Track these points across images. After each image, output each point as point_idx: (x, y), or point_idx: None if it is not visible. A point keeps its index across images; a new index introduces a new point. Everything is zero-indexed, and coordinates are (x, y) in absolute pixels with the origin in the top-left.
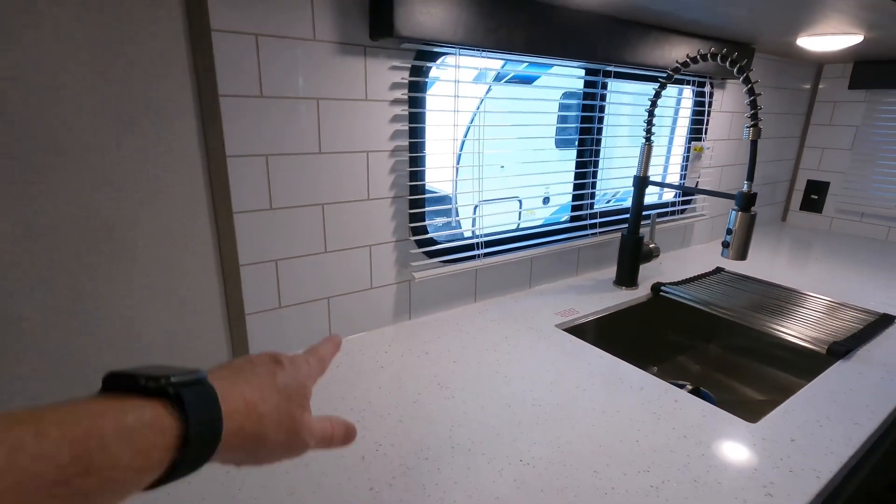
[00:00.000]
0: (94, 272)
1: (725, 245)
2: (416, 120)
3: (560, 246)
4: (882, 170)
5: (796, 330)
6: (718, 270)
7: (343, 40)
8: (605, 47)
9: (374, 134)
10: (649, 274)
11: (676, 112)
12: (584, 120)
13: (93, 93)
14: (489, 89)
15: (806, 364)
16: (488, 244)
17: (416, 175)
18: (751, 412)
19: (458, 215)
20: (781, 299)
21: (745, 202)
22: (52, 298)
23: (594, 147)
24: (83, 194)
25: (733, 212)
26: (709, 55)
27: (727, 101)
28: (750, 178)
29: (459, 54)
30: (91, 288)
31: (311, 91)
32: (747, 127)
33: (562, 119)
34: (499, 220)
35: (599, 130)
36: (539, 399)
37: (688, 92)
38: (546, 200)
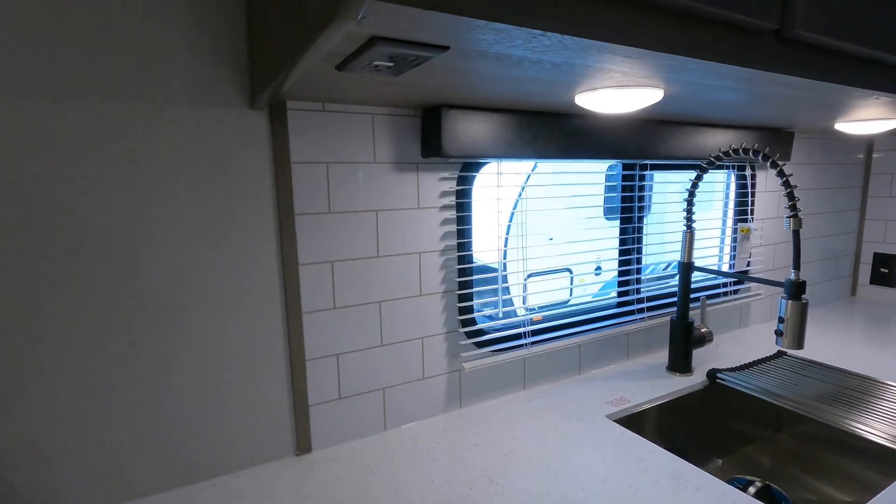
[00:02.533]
0: (182, 368)
1: (779, 334)
2: (462, 222)
3: (608, 331)
4: None
5: (872, 425)
6: (780, 354)
7: (399, 160)
8: (637, 146)
9: (426, 237)
10: (705, 358)
11: (727, 194)
12: (624, 210)
13: (195, 219)
14: (535, 165)
15: (885, 465)
16: (535, 332)
17: (464, 271)
18: None
19: (507, 292)
20: (853, 388)
21: (795, 291)
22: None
23: (636, 235)
24: (181, 302)
25: (782, 300)
26: (741, 150)
27: (772, 180)
28: (796, 266)
29: (501, 162)
30: (181, 384)
31: (371, 205)
32: (787, 217)
33: (609, 189)
34: (549, 291)
35: (640, 219)
36: (590, 498)
37: (732, 176)
38: (598, 270)
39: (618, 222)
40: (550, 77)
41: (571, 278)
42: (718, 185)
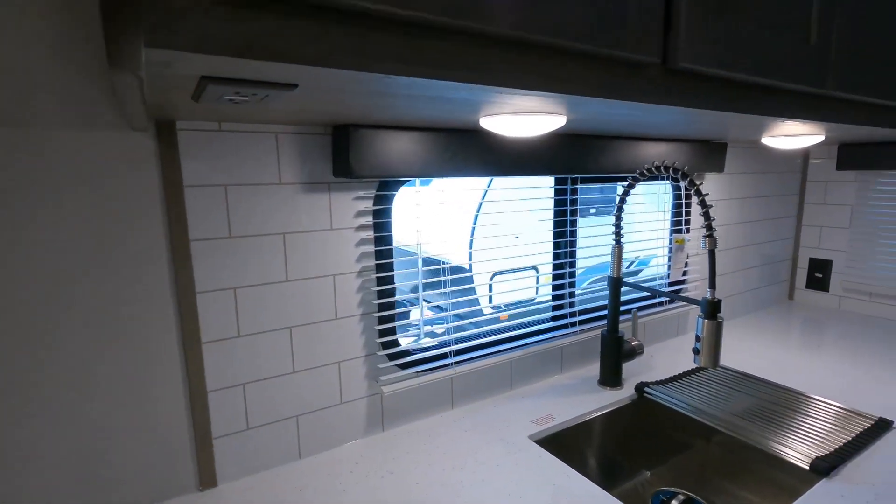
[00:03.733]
0: (60, 401)
1: (696, 352)
2: (381, 242)
3: (541, 346)
4: (883, 248)
5: (782, 440)
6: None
7: (308, 181)
8: (564, 162)
9: (340, 258)
10: (637, 370)
11: (673, 204)
12: (557, 224)
13: (74, 247)
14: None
15: (789, 482)
16: (461, 351)
17: (385, 292)
18: None
19: (472, 293)
20: (772, 400)
21: (711, 310)
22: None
23: (569, 249)
24: (57, 332)
25: (700, 319)
26: (662, 167)
27: (708, 191)
28: (712, 285)
29: (420, 181)
30: (62, 418)
31: (277, 228)
32: (704, 237)
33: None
34: (510, 288)
35: (573, 233)
36: None
37: (668, 187)
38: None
39: (587, 220)
40: (448, 105)
41: (537, 277)
42: (663, 194)
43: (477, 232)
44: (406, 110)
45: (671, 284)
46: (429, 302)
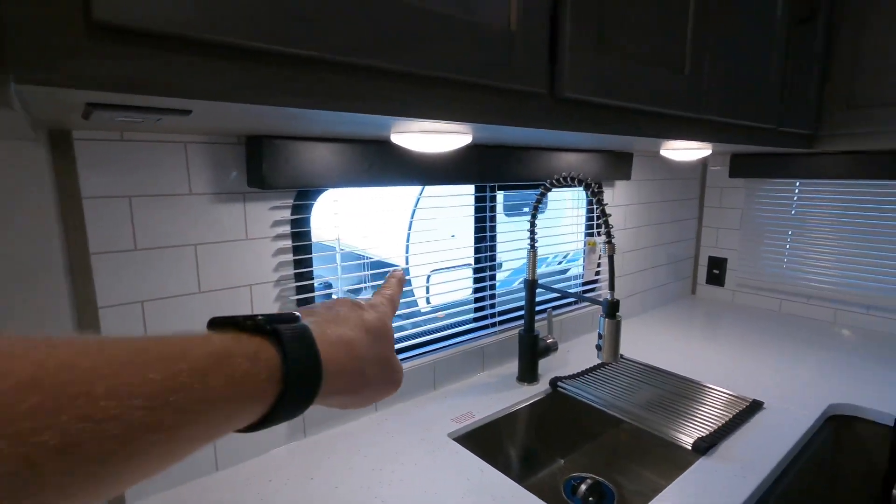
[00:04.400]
0: None
1: (598, 348)
2: (301, 251)
3: (464, 346)
4: (768, 247)
5: (675, 425)
6: (619, 357)
7: (221, 191)
8: (481, 171)
9: (257, 268)
10: (553, 365)
11: (586, 209)
12: (478, 229)
13: None
14: None
15: (679, 461)
16: None
17: (307, 301)
18: None
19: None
20: (670, 389)
21: (611, 310)
22: None
23: (489, 253)
24: None
25: (601, 318)
26: (569, 178)
27: (618, 196)
28: (611, 287)
29: (338, 189)
30: None
31: (188, 239)
32: (604, 244)
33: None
34: (449, 288)
35: (493, 237)
36: None
37: (582, 193)
38: (499, 266)
39: (517, 218)
40: (357, 124)
41: (473, 275)
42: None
43: (413, 231)
44: (316, 126)
45: (585, 283)
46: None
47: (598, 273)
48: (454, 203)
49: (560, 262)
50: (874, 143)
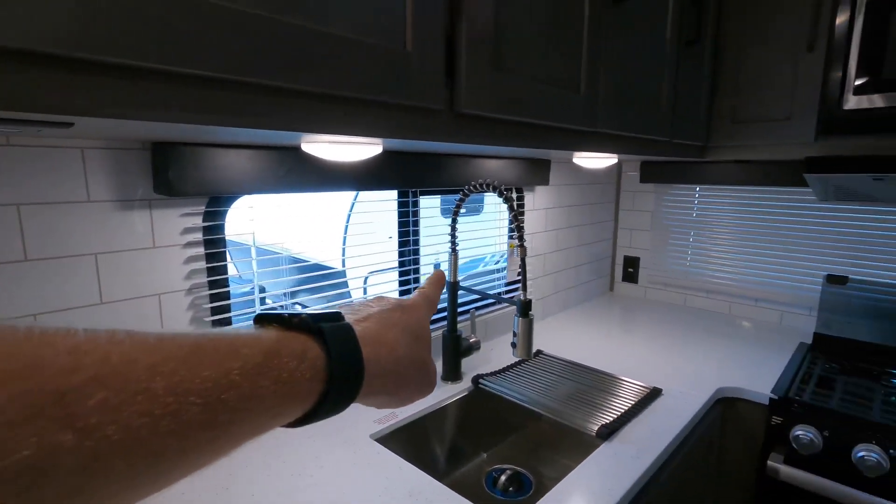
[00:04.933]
0: None
1: (514, 346)
2: (214, 258)
3: None
4: (673, 247)
5: (586, 415)
6: (538, 353)
7: (123, 198)
8: (403, 178)
9: (165, 277)
10: (477, 363)
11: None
12: (401, 234)
13: None
14: None
15: (587, 447)
16: None
17: (221, 308)
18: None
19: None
20: (585, 381)
21: (524, 309)
22: None
23: (413, 257)
24: None
25: (516, 317)
26: (484, 184)
27: (539, 201)
28: (524, 288)
29: (253, 195)
30: None
31: (88, 248)
32: (517, 247)
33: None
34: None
35: (416, 241)
36: None
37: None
38: (437, 266)
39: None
40: (263, 135)
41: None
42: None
43: (350, 233)
44: (224, 135)
45: (509, 283)
46: (304, 306)
47: (520, 273)
48: (388, 207)
49: (497, 262)
50: (755, 154)
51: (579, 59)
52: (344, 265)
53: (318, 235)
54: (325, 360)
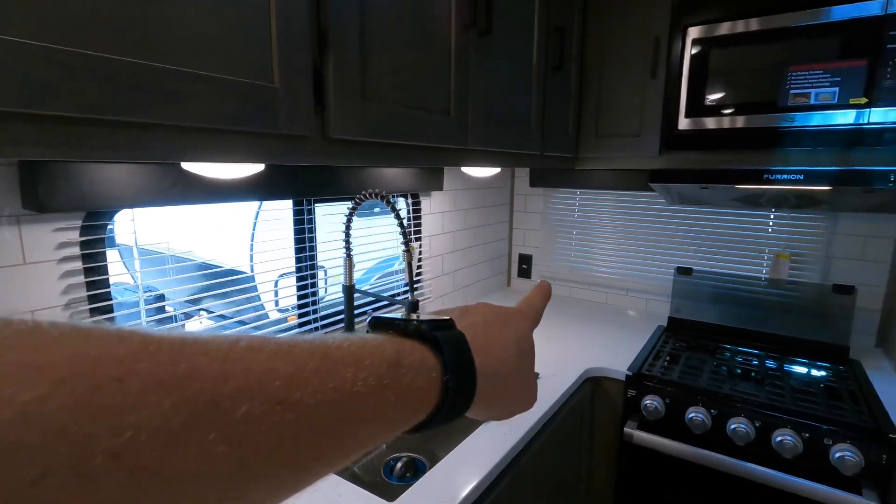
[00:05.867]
0: None
1: None
2: (94, 272)
3: None
4: (560, 245)
5: None
6: None
7: None
8: (294, 188)
9: (38, 294)
10: None
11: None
12: (298, 241)
13: None
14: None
15: (471, 428)
16: None
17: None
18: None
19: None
20: None
21: (412, 308)
22: None
23: (310, 263)
24: None
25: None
26: (373, 193)
27: (435, 205)
28: (411, 288)
29: (136, 209)
30: None
31: None
32: (403, 251)
33: None
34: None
35: (312, 248)
36: None
37: (401, 203)
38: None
39: (370, 220)
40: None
41: (326, 277)
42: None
43: (259, 237)
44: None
45: (407, 284)
46: (210, 312)
47: (419, 275)
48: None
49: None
50: (615, 164)
51: (448, 86)
52: (252, 269)
53: (226, 240)
54: (440, 371)
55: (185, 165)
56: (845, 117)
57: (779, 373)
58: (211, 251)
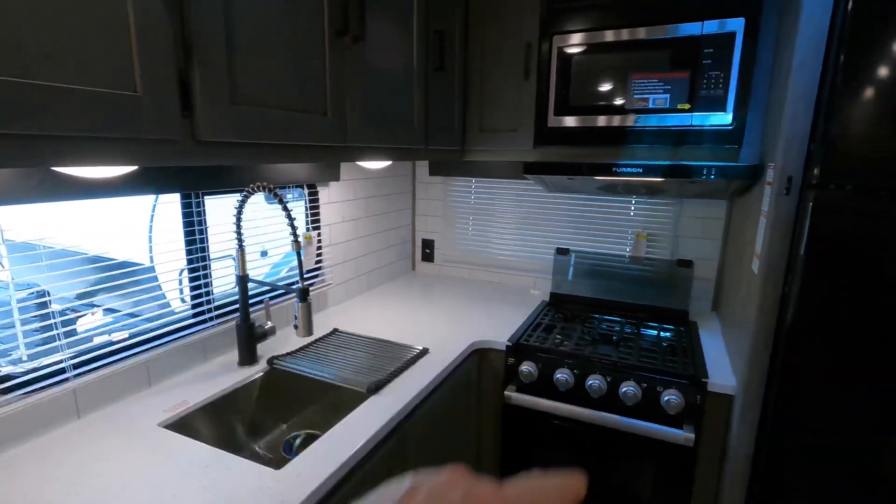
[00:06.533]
0: None
1: (296, 327)
2: None
3: (183, 342)
4: (459, 229)
5: (366, 377)
6: (335, 332)
7: None
8: (181, 181)
9: None
10: (275, 347)
11: (306, 208)
12: (187, 234)
13: None
14: None
15: (360, 402)
16: (86, 362)
17: None
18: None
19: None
20: (373, 352)
21: (302, 295)
22: None
23: (201, 254)
24: None
25: (296, 303)
26: (260, 186)
27: (334, 194)
28: (301, 277)
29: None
30: None
31: None
32: (292, 242)
33: None
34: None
35: (203, 240)
36: None
37: (297, 193)
38: (264, 254)
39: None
40: None
41: (236, 265)
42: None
43: (158, 227)
44: None
45: (307, 272)
46: (98, 306)
47: (318, 262)
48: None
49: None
50: (498, 157)
51: (323, 89)
52: (152, 262)
53: (121, 233)
54: None
55: (54, 168)
56: (675, 120)
57: (633, 336)
58: (103, 245)
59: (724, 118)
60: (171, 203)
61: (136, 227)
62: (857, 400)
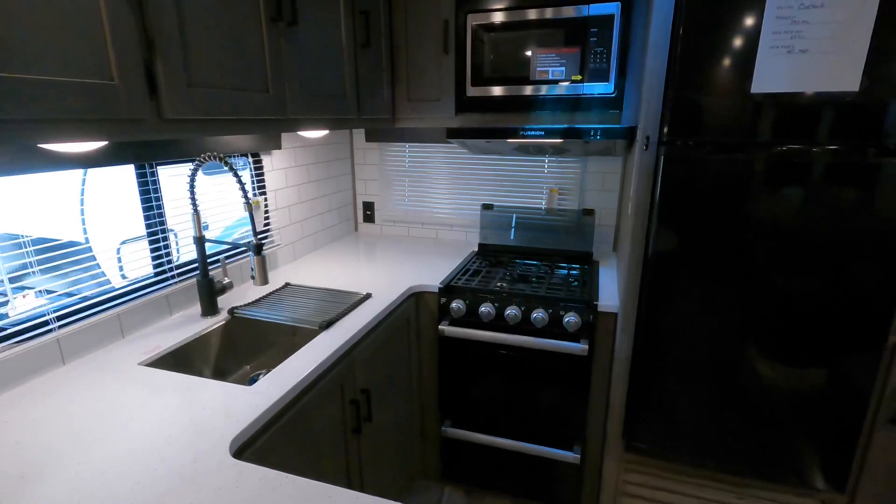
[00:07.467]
0: None
1: (252, 277)
2: None
3: (147, 298)
4: (395, 192)
5: (318, 318)
6: (286, 285)
7: None
8: (133, 153)
9: None
10: (233, 300)
11: (251, 175)
12: (144, 202)
13: None
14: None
15: (312, 338)
16: (67, 315)
17: None
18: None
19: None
20: (326, 299)
21: (256, 249)
22: None
23: (159, 220)
24: None
25: (251, 256)
26: (211, 156)
27: (277, 162)
28: (254, 233)
29: None
30: None
31: None
32: (244, 203)
33: None
34: (144, 255)
35: (159, 206)
36: (111, 420)
37: (242, 161)
38: (204, 227)
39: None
40: None
41: (177, 240)
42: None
43: (90, 202)
44: None
45: (259, 233)
46: (31, 288)
47: (266, 224)
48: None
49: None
50: (425, 123)
51: (264, 69)
52: (87, 240)
53: (47, 211)
54: None
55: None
56: (570, 90)
57: (546, 275)
58: (26, 224)
59: (607, 87)
60: (104, 178)
61: (64, 205)
62: (709, 314)
